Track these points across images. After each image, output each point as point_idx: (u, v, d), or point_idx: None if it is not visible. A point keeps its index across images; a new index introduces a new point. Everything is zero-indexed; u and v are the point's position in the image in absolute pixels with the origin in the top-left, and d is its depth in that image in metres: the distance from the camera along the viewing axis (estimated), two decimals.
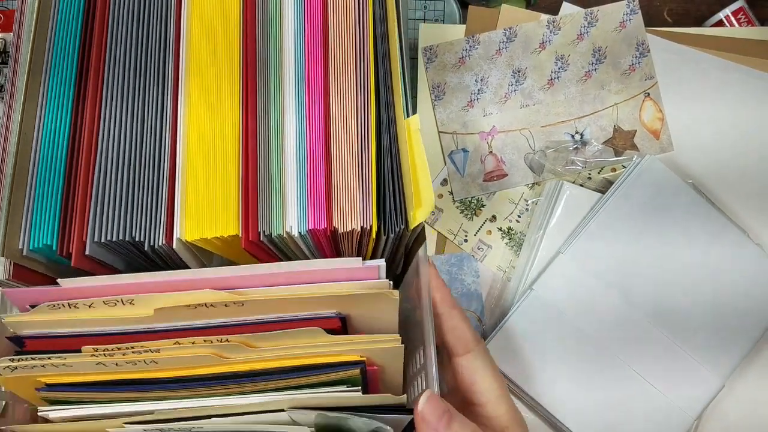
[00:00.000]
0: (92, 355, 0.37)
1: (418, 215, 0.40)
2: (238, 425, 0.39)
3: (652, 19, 0.64)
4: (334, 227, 0.39)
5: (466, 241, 0.62)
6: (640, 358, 0.58)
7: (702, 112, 0.63)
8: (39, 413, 0.40)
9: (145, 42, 0.43)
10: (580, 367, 0.58)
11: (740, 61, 0.63)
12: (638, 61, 0.62)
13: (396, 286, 0.40)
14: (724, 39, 0.63)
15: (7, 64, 0.62)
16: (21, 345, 0.39)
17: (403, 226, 0.40)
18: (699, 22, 0.66)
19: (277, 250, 0.42)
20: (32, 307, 0.38)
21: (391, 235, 0.40)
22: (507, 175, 0.62)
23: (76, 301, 0.37)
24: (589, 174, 0.62)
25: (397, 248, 0.45)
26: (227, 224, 0.39)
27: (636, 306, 0.58)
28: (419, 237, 0.43)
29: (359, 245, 0.43)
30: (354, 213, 0.39)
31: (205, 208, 0.39)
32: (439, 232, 0.62)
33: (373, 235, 0.40)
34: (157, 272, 0.37)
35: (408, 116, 0.42)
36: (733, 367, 0.58)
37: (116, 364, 0.38)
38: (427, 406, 0.38)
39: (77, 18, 0.43)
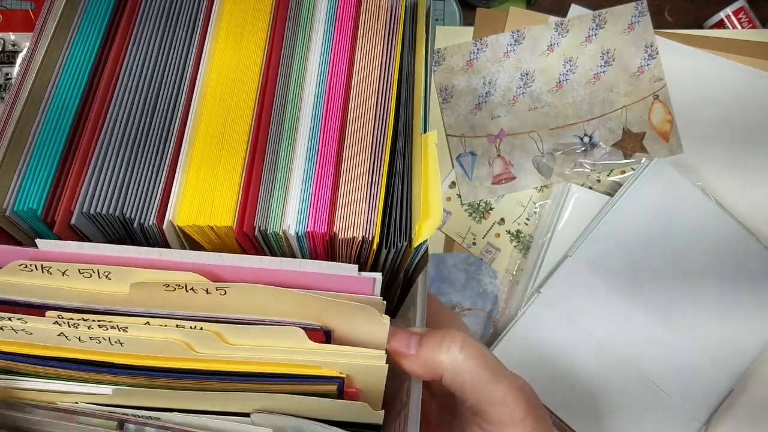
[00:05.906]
0: (55, 323, 0.35)
1: (423, 229, 0.39)
2: (199, 419, 0.37)
3: (652, 18, 0.64)
4: (334, 233, 0.38)
5: (474, 244, 0.62)
6: (648, 360, 0.58)
7: (711, 114, 0.63)
8: None
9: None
10: (588, 371, 0.58)
11: (749, 63, 0.63)
12: (647, 63, 0.62)
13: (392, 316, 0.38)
14: (732, 41, 0.63)
15: (6, 63, 0.61)
16: None
17: (405, 243, 0.39)
18: (699, 22, 0.66)
19: (270, 251, 0.41)
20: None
21: (393, 250, 0.39)
22: (515, 177, 0.62)
23: (50, 265, 0.35)
24: (598, 177, 0.62)
25: (397, 272, 0.44)
26: (223, 214, 0.37)
27: (644, 309, 0.58)
28: (421, 262, 0.41)
29: (357, 259, 0.42)
30: (357, 220, 0.38)
31: (203, 193, 0.38)
32: (447, 235, 0.62)
33: (374, 247, 0.38)
34: (142, 248, 0.35)
35: (426, 131, 0.42)
36: (742, 370, 0.58)
37: (79, 339, 0.36)
38: (394, 339, 0.37)
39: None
